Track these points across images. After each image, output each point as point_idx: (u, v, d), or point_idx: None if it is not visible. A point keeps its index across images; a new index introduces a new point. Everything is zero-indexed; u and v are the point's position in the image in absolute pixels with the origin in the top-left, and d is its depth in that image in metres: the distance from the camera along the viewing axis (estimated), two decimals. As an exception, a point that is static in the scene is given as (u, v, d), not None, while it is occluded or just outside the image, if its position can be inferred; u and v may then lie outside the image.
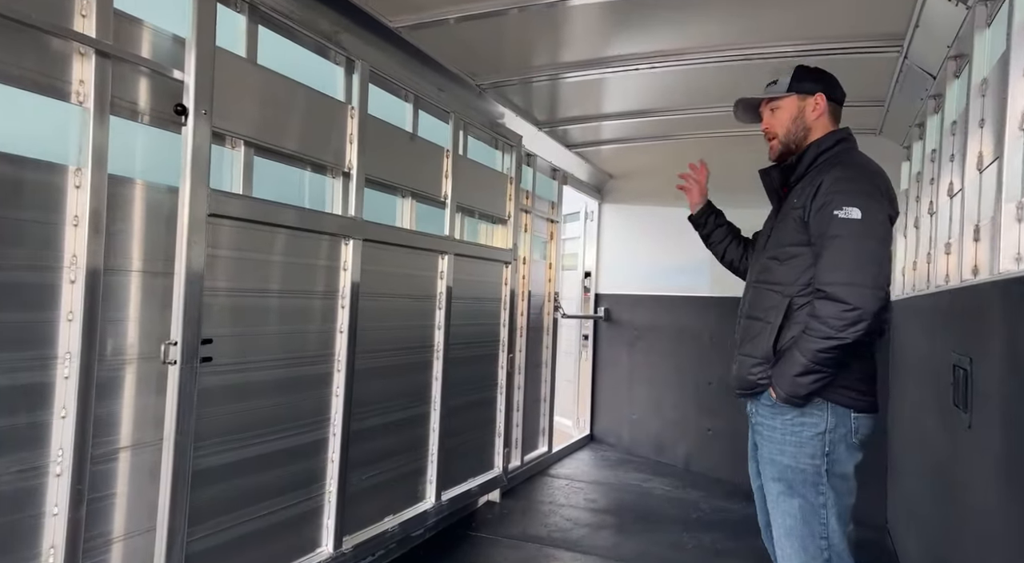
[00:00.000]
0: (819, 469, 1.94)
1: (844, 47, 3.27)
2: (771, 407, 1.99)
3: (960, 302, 2.30)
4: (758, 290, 2.07)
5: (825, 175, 1.92)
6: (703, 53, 3.50)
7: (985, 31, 2.40)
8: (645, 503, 4.65)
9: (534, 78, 3.87)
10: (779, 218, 2.10)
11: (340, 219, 2.88)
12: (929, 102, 3.47)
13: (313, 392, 2.79)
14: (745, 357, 2.04)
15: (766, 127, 2.15)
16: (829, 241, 1.86)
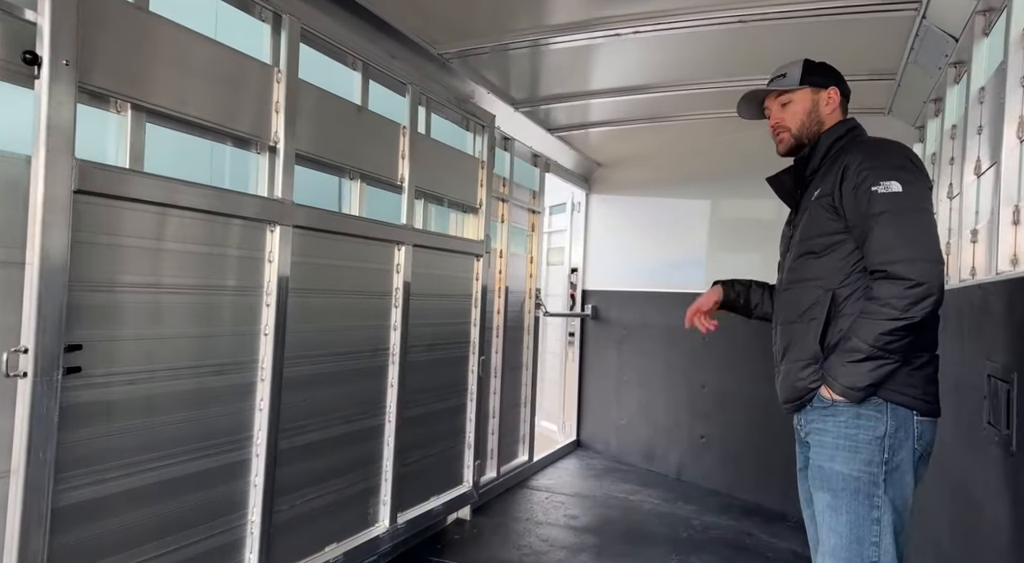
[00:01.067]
0: (876, 478, 1.71)
1: (855, 6, 2.84)
2: (823, 409, 1.79)
3: (999, 299, 1.87)
4: (794, 291, 1.91)
5: (847, 156, 1.79)
6: (702, 13, 3.06)
7: (1031, -30, 1.98)
8: (631, 519, 4.23)
9: (510, 45, 3.43)
10: (802, 214, 1.93)
11: (263, 202, 2.46)
12: (949, 71, 3.05)
13: (229, 406, 2.37)
14: (791, 364, 1.86)
15: (777, 121, 2.00)
16: (874, 219, 1.68)
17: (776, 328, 1.99)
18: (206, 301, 2.27)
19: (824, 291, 1.80)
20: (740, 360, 4.81)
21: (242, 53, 2.37)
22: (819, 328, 1.79)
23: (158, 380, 2.12)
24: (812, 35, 3.24)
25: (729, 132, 4.91)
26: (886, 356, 1.66)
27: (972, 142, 2.50)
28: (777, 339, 1.97)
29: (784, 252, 2.04)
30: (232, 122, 2.34)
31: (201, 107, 2.23)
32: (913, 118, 4.05)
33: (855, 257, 1.77)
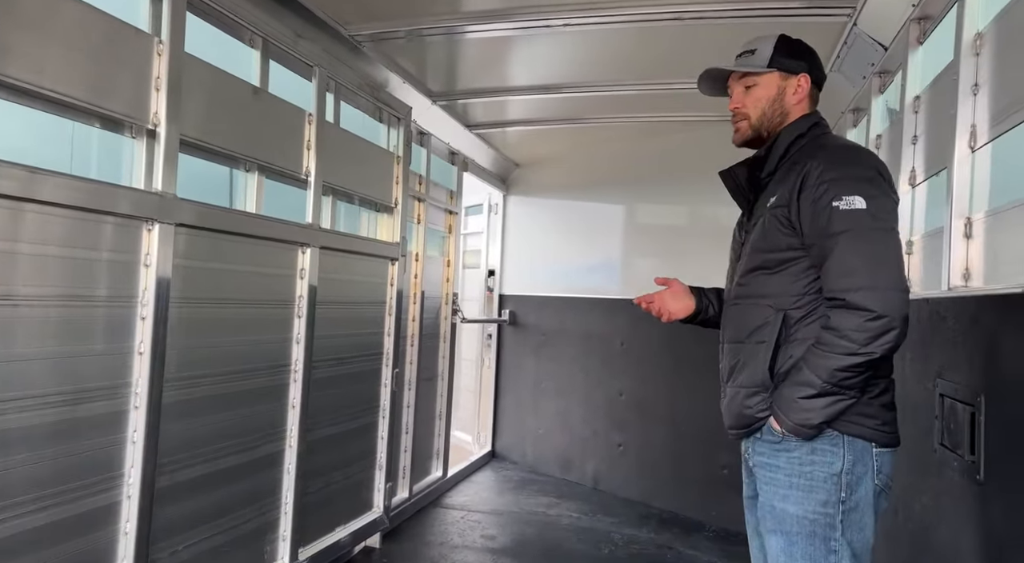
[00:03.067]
0: (832, 519, 1.55)
1: (791, 8, 2.76)
2: (773, 443, 1.63)
3: (955, 316, 1.79)
4: (742, 307, 1.73)
5: (808, 162, 1.59)
6: (627, 8, 2.90)
7: (980, -26, 1.91)
8: (550, 537, 4.04)
9: (425, 31, 3.15)
10: (754, 221, 1.73)
11: (139, 195, 2.07)
12: (874, 81, 3.03)
13: (95, 440, 1.97)
14: (738, 389, 1.69)
15: (737, 106, 1.76)
16: (833, 239, 1.51)
17: (723, 345, 1.80)
18: (68, 315, 1.87)
19: (775, 311, 1.63)
20: (658, 368, 4.74)
21: (111, 15, 1.98)
22: (768, 353, 1.61)
23: (8, 412, 1.71)
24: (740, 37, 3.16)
25: (647, 137, 4.83)
26: (841, 392, 1.51)
27: (907, 152, 2.45)
28: (724, 357, 1.79)
29: (734, 260, 1.84)
30: (101, 99, 1.94)
31: (62, 79, 1.83)
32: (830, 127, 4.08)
33: (810, 276, 1.60)
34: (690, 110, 4.21)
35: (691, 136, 4.55)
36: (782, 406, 1.57)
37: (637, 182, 5.09)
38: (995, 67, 1.80)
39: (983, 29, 1.86)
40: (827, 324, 1.52)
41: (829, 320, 1.51)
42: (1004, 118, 1.72)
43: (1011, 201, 1.70)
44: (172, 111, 2.12)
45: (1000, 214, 1.75)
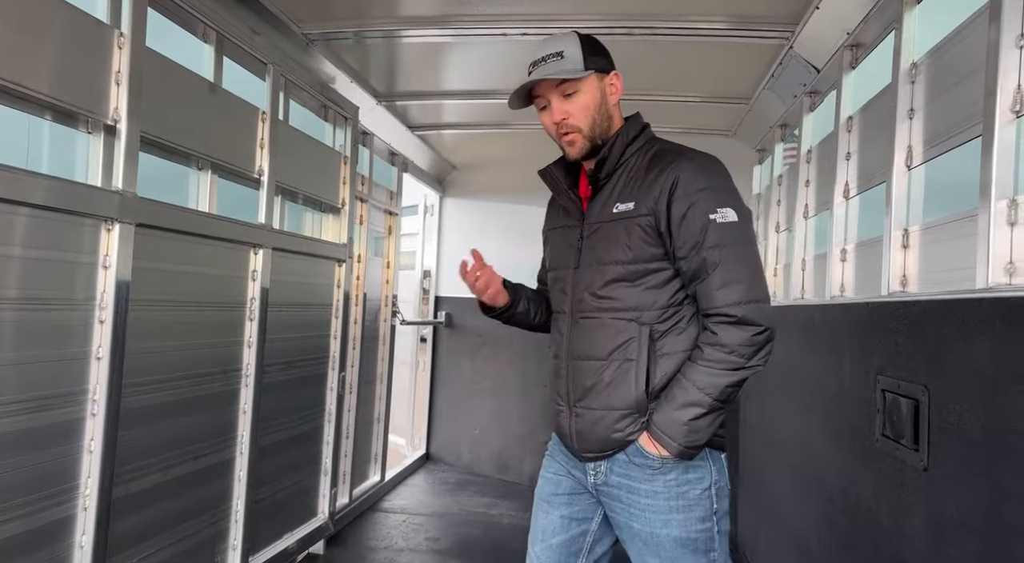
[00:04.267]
0: (711, 532, 1.57)
1: (735, 30, 2.93)
2: (649, 467, 1.54)
3: (896, 319, 1.98)
4: (600, 321, 1.59)
5: (667, 169, 1.54)
6: (580, 20, 2.99)
7: (915, 9, 2.12)
8: (493, 537, 4.10)
9: (367, 32, 3.14)
10: (595, 226, 1.62)
11: (100, 194, 1.98)
12: (805, 99, 3.27)
13: (50, 450, 1.87)
14: (602, 411, 1.58)
15: (562, 118, 1.60)
16: (711, 252, 1.48)
17: (566, 361, 1.65)
18: (22, 318, 1.76)
19: (640, 326, 1.55)
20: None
21: (72, 5, 1.88)
22: (642, 372, 1.54)
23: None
24: (681, 55, 3.32)
25: None
26: (722, 406, 1.51)
27: (841, 167, 2.67)
28: (568, 375, 1.64)
29: (568, 266, 1.68)
30: (59, 92, 1.84)
31: (17, 69, 1.72)
32: (755, 141, 4.35)
33: (674, 287, 1.56)
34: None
35: None
36: (668, 431, 1.50)
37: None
38: (929, 95, 2.01)
39: (918, 59, 2.06)
40: (713, 340, 1.48)
41: (716, 336, 1.48)
42: (938, 142, 1.92)
43: (944, 215, 1.90)
44: (133, 107, 2.04)
45: (934, 227, 1.94)
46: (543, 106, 1.64)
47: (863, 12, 2.40)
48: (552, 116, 1.62)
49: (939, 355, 1.68)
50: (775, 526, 3.40)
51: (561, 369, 1.67)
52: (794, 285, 3.29)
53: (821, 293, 2.90)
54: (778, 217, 3.85)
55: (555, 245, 1.77)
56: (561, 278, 1.70)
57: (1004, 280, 1.51)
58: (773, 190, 3.92)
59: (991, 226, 1.54)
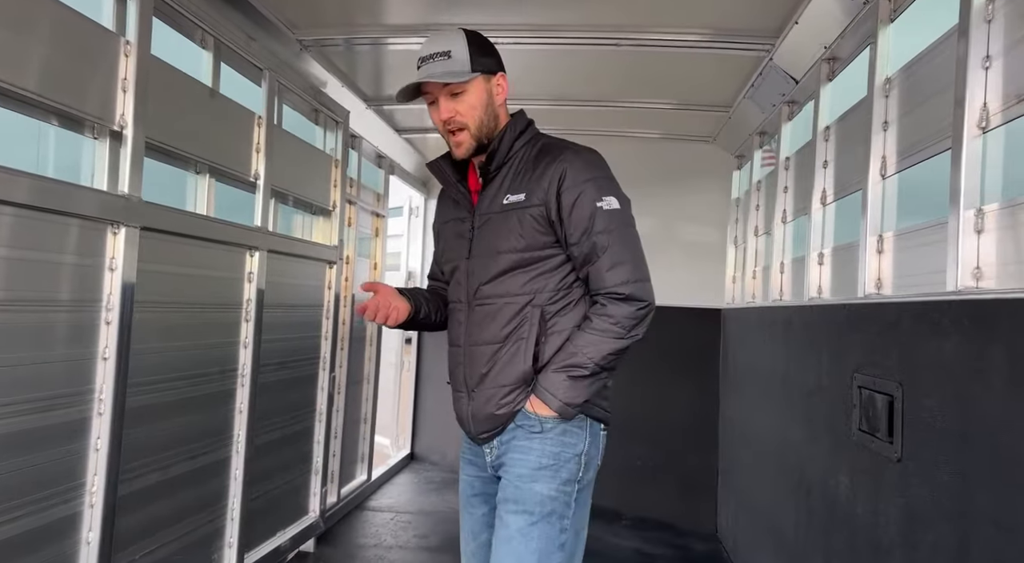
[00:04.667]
0: (569, 498, 1.66)
1: (718, 42, 3.04)
2: (529, 429, 1.66)
3: (870, 320, 2.10)
4: (496, 307, 1.68)
5: (554, 162, 1.65)
6: (583, 32, 3.08)
7: (889, 27, 2.24)
8: (482, 533, 4.17)
9: (356, 39, 3.21)
10: (487, 219, 1.69)
11: (107, 198, 2.02)
12: (783, 109, 3.40)
13: (59, 448, 1.91)
14: (495, 389, 1.67)
15: (450, 116, 1.65)
16: (602, 237, 1.62)
17: (465, 349, 1.73)
18: (32, 320, 1.80)
19: (533, 308, 1.66)
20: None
21: (83, 15, 1.93)
22: (530, 349, 1.65)
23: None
24: (663, 64, 3.42)
25: None
26: (603, 374, 1.64)
27: (819, 175, 2.79)
28: (467, 362, 1.72)
29: (458, 257, 1.75)
30: (69, 98, 1.89)
31: (26, 75, 1.76)
32: (735, 148, 4.49)
33: (564, 271, 1.68)
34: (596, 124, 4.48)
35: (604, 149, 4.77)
36: (551, 388, 1.61)
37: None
38: (902, 109, 2.13)
39: (892, 75, 2.19)
40: (602, 312, 1.62)
41: (604, 308, 1.62)
42: (910, 154, 2.04)
43: (916, 223, 2.02)
44: (139, 113, 2.08)
45: (907, 234, 2.07)
46: (432, 101, 1.68)
47: (840, 28, 2.52)
48: (440, 114, 1.67)
49: (912, 353, 1.80)
50: (753, 517, 3.53)
51: (460, 356, 1.74)
52: (773, 287, 3.42)
53: (799, 295, 3.03)
54: (757, 221, 3.98)
55: (448, 238, 1.82)
56: (456, 269, 1.76)
57: (972, 283, 1.63)
58: (752, 195, 4.05)
59: (960, 233, 1.66)
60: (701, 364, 4.58)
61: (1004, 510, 1.38)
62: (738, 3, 2.74)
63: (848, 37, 2.53)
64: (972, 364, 1.51)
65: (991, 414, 1.44)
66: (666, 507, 4.55)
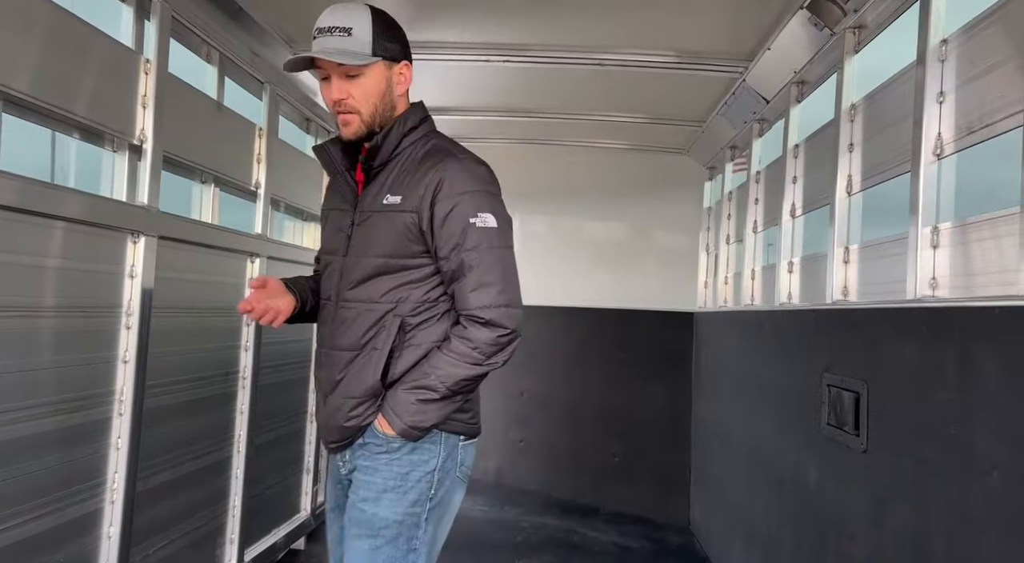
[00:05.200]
0: (418, 519, 1.56)
1: (697, 64, 3.24)
2: (376, 446, 1.56)
3: (838, 324, 2.31)
4: (357, 312, 1.57)
5: (433, 168, 1.54)
6: (568, 52, 3.24)
7: (853, 58, 2.46)
8: (466, 529, 4.28)
9: None
10: (367, 217, 1.58)
11: (127, 208, 2.12)
12: (754, 126, 3.62)
13: (83, 447, 2.00)
14: (344, 399, 1.56)
15: (342, 98, 1.52)
16: (469, 254, 1.52)
17: (325, 351, 1.63)
18: (58, 325, 1.89)
19: (394, 317, 1.55)
20: (557, 367, 5.16)
21: (107, 34, 2.02)
22: (382, 361, 1.53)
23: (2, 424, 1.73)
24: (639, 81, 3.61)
25: (539, 159, 5.18)
26: (455, 398, 1.54)
27: (788, 189, 3.01)
28: (327, 365, 1.61)
29: (335, 252, 1.64)
30: (93, 114, 1.99)
31: (59, 94, 1.86)
32: (707, 160, 4.72)
33: (432, 283, 1.57)
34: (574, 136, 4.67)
35: (574, 159, 4.98)
36: (396, 408, 1.51)
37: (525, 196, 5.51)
38: (866, 132, 2.35)
39: (857, 102, 2.40)
40: (462, 334, 1.52)
41: (465, 331, 1.52)
42: (874, 174, 2.26)
43: (879, 237, 2.24)
44: (158, 127, 2.19)
45: (871, 246, 2.28)
46: (324, 77, 1.55)
47: (809, 55, 2.74)
48: (332, 93, 1.53)
49: (876, 354, 2.01)
50: (726, 509, 3.74)
51: (322, 358, 1.64)
52: (745, 292, 3.63)
53: (770, 300, 3.24)
54: (728, 230, 4.20)
55: (328, 228, 1.70)
56: (331, 264, 1.65)
57: (929, 292, 1.84)
58: (724, 205, 4.28)
59: (918, 248, 1.87)
60: (674, 365, 4.79)
61: (958, 495, 1.58)
62: (715, 29, 2.94)
63: (816, 63, 2.75)
64: (929, 364, 1.72)
65: (946, 409, 1.64)
66: (641, 502, 4.75)
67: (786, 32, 2.70)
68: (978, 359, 1.52)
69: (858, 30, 2.42)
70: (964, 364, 1.57)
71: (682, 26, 2.94)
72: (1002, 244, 1.61)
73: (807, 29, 2.58)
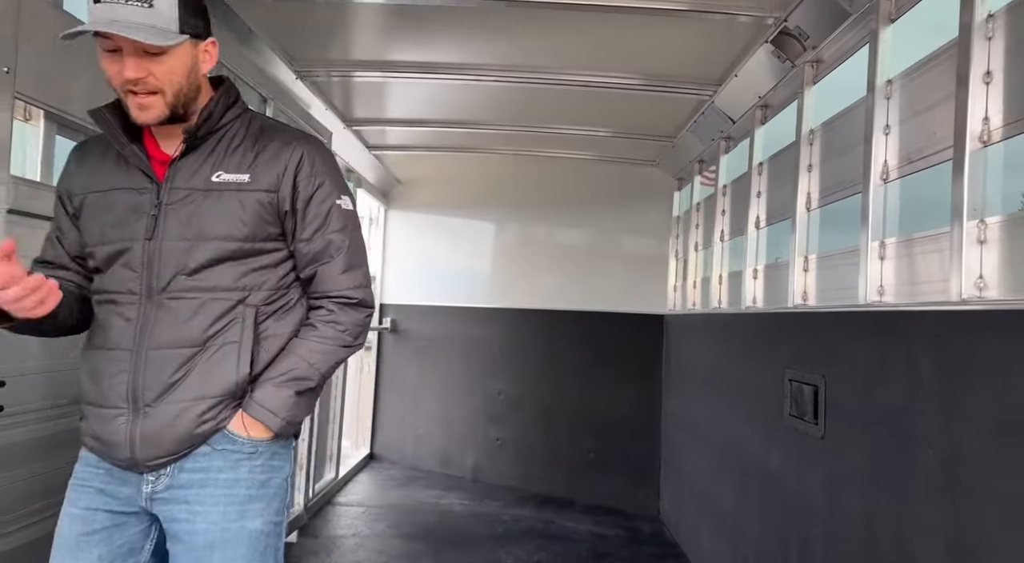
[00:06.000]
0: (280, 528, 1.46)
1: (670, 86, 3.51)
2: (236, 453, 1.39)
3: (798, 325, 2.60)
4: (191, 303, 1.37)
5: (288, 146, 1.44)
6: (541, 73, 3.49)
7: (812, 88, 2.76)
8: (450, 523, 4.52)
9: (333, 71, 3.55)
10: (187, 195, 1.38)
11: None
12: (721, 143, 3.92)
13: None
14: (187, 403, 1.35)
15: (142, 77, 1.29)
16: (336, 235, 1.46)
17: (139, 353, 1.36)
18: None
19: (246, 307, 1.40)
20: (532, 368, 5.40)
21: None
22: (246, 354, 1.38)
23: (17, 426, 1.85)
24: (619, 101, 3.87)
25: (514, 166, 5.38)
26: (322, 384, 1.48)
27: (754, 203, 3.30)
28: (141, 370, 1.35)
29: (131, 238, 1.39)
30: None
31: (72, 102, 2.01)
32: (676, 172, 5.02)
33: (286, 269, 1.47)
34: (551, 147, 4.93)
35: (549, 168, 5.26)
36: (270, 405, 1.38)
37: (502, 204, 5.77)
38: (823, 155, 2.64)
39: (815, 127, 2.70)
40: (330, 319, 1.45)
41: (332, 314, 1.45)
42: (830, 193, 2.55)
43: (836, 248, 2.53)
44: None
45: (828, 257, 2.58)
46: (112, 49, 1.28)
47: (772, 83, 3.03)
48: (126, 70, 1.28)
49: (832, 352, 2.30)
50: (695, 498, 4.02)
51: (122, 363, 1.36)
52: (712, 296, 3.93)
53: (736, 304, 3.53)
54: (697, 238, 4.50)
55: (108, 212, 1.41)
56: (123, 252, 1.39)
57: (877, 298, 2.13)
58: (692, 215, 4.58)
59: (868, 259, 2.16)
60: (645, 364, 5.07)
61: (901, 477, 1.87)
62: (688, 56, 3.21)
63: (779, 90, 3.05)
64: (877, 361, 2.01)
65: (892, 400, 1.93)
66: (614, 494, 5.02)
67: (752, 62, 2.99)
68: (917, 356, 1.81)
69: (816, 64, 2.72)
70: (907, 360, 1.86)
71: (657, 52, 3.19)
72: (941, 257, 1.90)
73: (771, 60, 2.88)
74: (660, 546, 4.26)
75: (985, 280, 1.67)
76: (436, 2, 2.71)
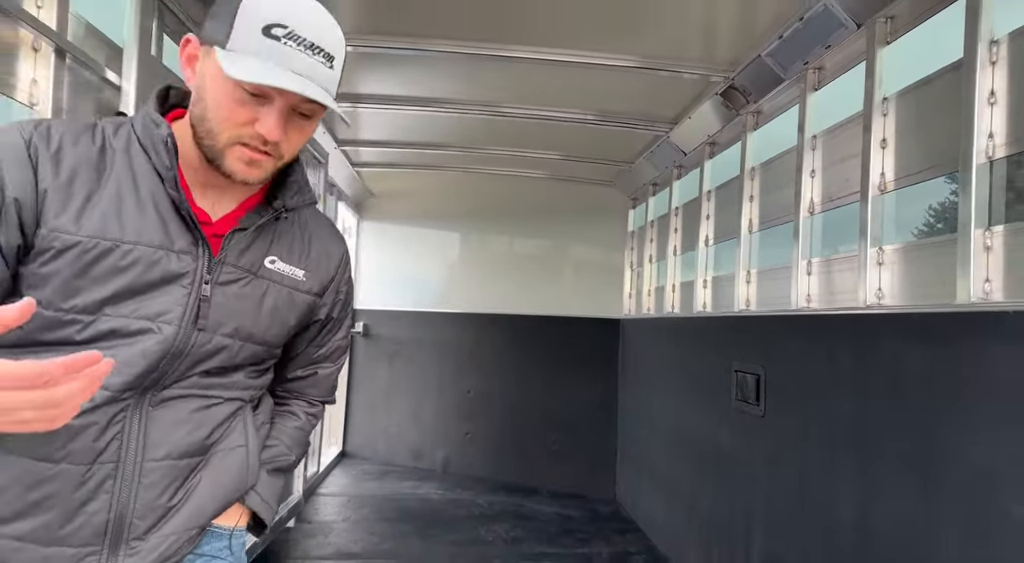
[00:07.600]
0: None
1: (632, 122, 4.09)
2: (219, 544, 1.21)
3: (740, 326, 3.19)
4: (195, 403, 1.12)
5: (334, 243, 1.27)
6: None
7: (753, 133, 3.38)
8: (431, 508, 4.96)
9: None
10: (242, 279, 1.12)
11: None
12: (674, 171, 4.53)
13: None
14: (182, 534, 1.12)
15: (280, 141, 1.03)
16: (342, 343, 1.36)
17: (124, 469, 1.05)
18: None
19: (241, 405, 1.20)
20: (500, 367, 5.90)
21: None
22: (253, 459, 1.21)
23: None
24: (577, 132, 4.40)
25: (483, 183, 5.87)
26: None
27: (703, 225, 3.91)
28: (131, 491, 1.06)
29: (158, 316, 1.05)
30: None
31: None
32: (631, 192, 5.62)
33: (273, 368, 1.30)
34: (515, 167, 5.46)
35: (514, 184, 5.76)
36: (267, 495, 1.25)
37: (468, 216, 6.27)
38: (763, 188, 3.25)
39: (756, 165, 3.31)
40: (312, 412, 1.37)
41: (315, 408, 1.37)
42: (768, 220, 3.16)
43: (772, 263, 3.14)
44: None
45: (768, 270, 3.19)
46: (257, 93, 0.99)
47: (720, 125, 3.64)
48: (268, 127, 1.00)
49: (771, 349, 2.89)
50: (650, 481, 4.60)
51: (93, 482, 1.03)
52: (666, 302, 4.52)
53: (688, 308, 4.13)
54: (651, 251, 5.10)
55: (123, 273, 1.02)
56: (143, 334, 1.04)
57: (806, 304, 2.74)
58: (647, 230, 5.18)
59: (799, 273, 2.76)
60: (603, 364, 5.63)
61: (825, 451, 2.45)
62: (646, 100, 3.78)
63: (726, 132, 3.66)
64: (807, 354, 2.60)
65: (818, 386, 2.52)
66: (575, 481, 5.56)
67: (704, 107, 3.59)
68: (837, 349, 2.40)
69: (757, 114, 3.34)
70: (829, 352, 2.45)
71: (618, 96, 3.74)
72: (853, 274, 2.50)
73: (719, 108, 3.48)
74: (619, 523, 4.83)
75: (883, 291, 2.28)
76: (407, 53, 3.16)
